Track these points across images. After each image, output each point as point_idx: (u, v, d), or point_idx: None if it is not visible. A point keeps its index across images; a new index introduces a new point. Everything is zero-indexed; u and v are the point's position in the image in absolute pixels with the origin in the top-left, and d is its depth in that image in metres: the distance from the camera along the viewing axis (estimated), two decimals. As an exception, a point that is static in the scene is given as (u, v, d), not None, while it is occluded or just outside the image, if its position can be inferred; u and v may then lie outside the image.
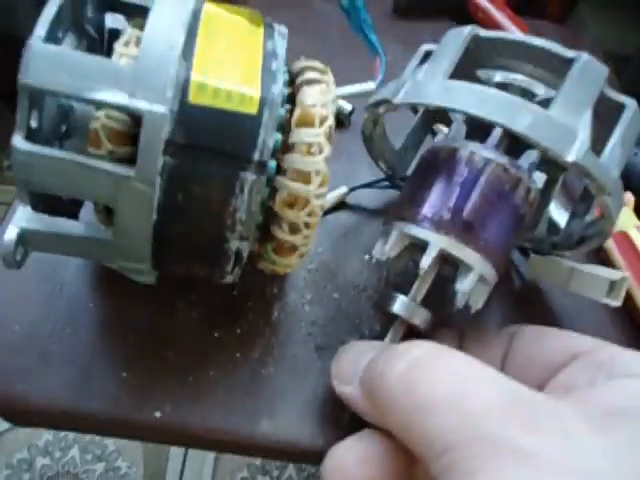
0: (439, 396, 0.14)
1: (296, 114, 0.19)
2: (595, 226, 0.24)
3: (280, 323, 0.25)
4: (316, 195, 0.19)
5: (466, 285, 0.20)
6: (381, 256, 0.21)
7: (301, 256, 0.21)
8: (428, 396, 0.14)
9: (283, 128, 0.19)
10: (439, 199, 0.20)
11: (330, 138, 0.19)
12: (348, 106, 0.33)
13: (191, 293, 0.25)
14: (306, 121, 0.19)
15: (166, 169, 0.16)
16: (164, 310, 0.24)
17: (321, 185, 0.19)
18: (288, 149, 0.19)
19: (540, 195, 0.23)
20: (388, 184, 0.30)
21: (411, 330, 0.21)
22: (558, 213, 0.29)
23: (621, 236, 0.28)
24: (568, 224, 0.26)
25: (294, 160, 0.18)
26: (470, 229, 0.20)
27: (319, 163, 0.18)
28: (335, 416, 0.22)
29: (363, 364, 0.18)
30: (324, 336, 0.24)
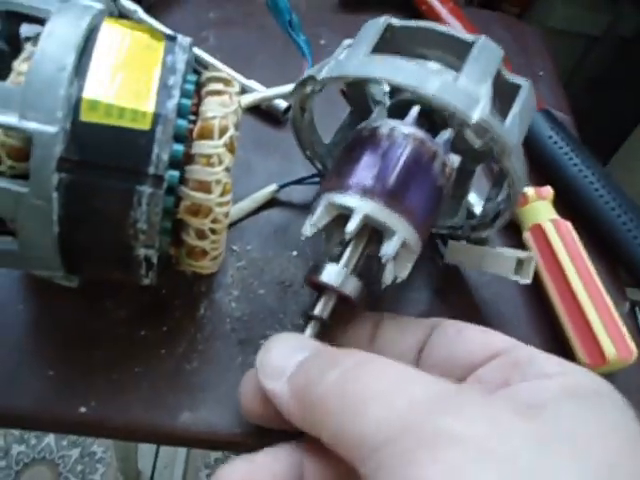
0: (369, 397, 0.14)
1: (197, 127, 0.20)
2: (505, 202, 0.26)
3: (206, 320, 0.26)
4: (218, 203, 0.20)
5: (390, 249, 0.20)
6: (310, 229, 0.22)
7: (214, 259, 0.22)
8: (358, 398, 0.14)
9: (186, 139, 0.20)
10: (364, 170, 0.21)
11: (232, 148, 0.20)
12: (284, 103, 0.34)
13: (119, 293, 0.26)
14: (205, 133, 0.19)
15: (62, 184, 0.17)
16: (93, 310, 0.25)
17: (223, 194, 0.20)
18: (189, 160, 0.20)
19: (458, 185, 0.25)
20: (319, 180, 0.31)
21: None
22: (476, 202, 0.31)
23: (536, 228, 0.30)
24: (484, 208, 0.28)
25: (195, 171, 0.19)
26: (393, 196, 0.21)
27: (219, 174, 0.19)
28: (253, 407, 0.23)
29: (292, 362, 0.17)
30: (247, 331, 0.26)
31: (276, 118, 0.34)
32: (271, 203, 0.31)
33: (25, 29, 0.23)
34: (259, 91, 0.33)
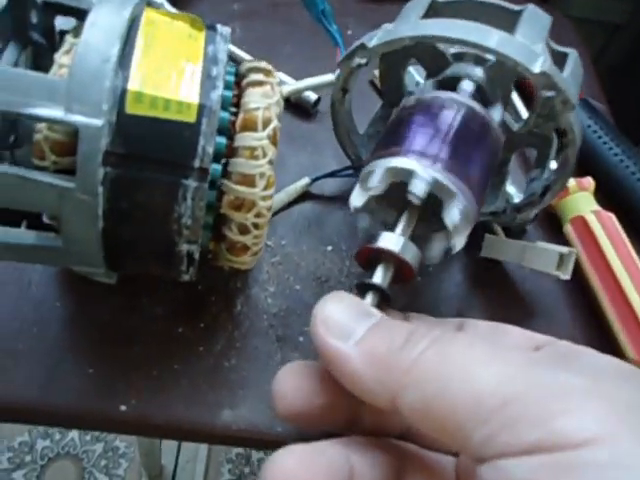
0: (478, 358, 0.14)
1: (239, 119, 0.19)
2: (557, 171, 0.25)
3: (243, 316, 0.25)
4: (262, 197, 0.19)
5: (456, 214, 0.19)
6: (363, 197, 0.20)
7: (254, 254, 0.22)
8: (465, 362, 0.14)
9: (229, 132, 0.19)
10: (422, 135, 0.21)
11: (275, 140, 0.20)
12: (313, 96, 0.33)
13: (156, 289, 0.25)
14: (249, 125, 0.19)
15: (108, 179, 0.17)
16: (129, 306, 0.25)
17: (266, 187, 0.19)
18: (233, 153, 0.19)
19: (495, 173, 0.24)
20: (352, 172, 0.30)
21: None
22: (514, 192, 0.30)
23: (578, 220, 0.29)
24: (528, 188, 0.27)
25: (238, 164, 0.19)
26: (454, 161, 0.20)
27: (263, 166, 0.19)
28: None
29: (361, 327, 0.16)
30: (285, 327, 0.25)
31: (306, 111, 0.34)
32: (304, 197, 0.30)
33: (59, 22, 0.23)
34: (291, 83, 0.33)
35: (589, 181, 0.30)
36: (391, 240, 0.19)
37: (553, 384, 0.13)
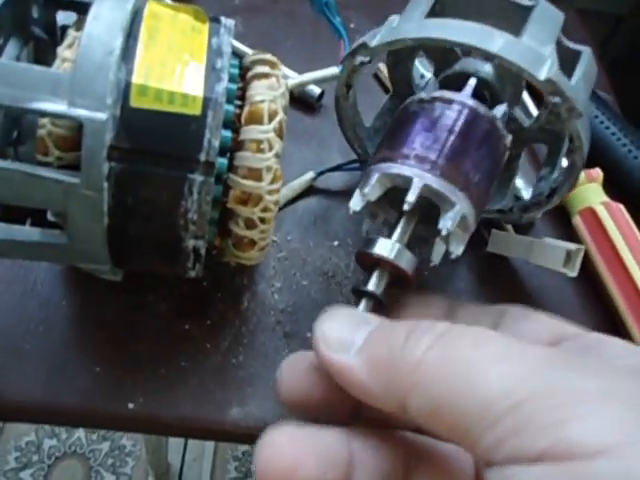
0: (487, 356, 0.13)
1: (245, 111, 0.19)
2: (565, 174, 0.24)
3: (250, 312, 0.25)
4: (269, 191, 0.19)
5: (449, 222, 0.19)
6: (360, 203, 0.20)
7: (261, 249, 0.21)
8: (470, 362, 0.13)
9: (234, 125, 0.19)
10: (420, 140, 0.20)
11: (281, 133, 0.19)
12: (317, 90, 0.33)
13: (161, 286, 0.25)
14: (255, 118, 0.19)
15: (113, 174, 0.17)
16: (135, 304, 0.25)
17: (273, 181, 0.19)
18: (239, 146, 0.19)
19: (505, 168, 0.24)
20: (357, 166, 0.30)
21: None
22: (523, 187, 0.29)
23: (587, 212, 0.28)
24: (536, 187, 0.27)
25: (244, 158, 0.19)
26: (452, 166, 0.20)
27: (269, 160, 0.19)
28: (303, 401, 0.23)
29: (359, 335, 0.16)
30: (292, 324, 0.25)
31: (310, 105, 0.33)
32: (309, 192, 0.30)
33: (60, 18, 0.22)
34: (295, 77, 0.32)
35: (597, 172, 0.30)
36: (386, 247, 0.19)
37: (565, 387, 0.12)
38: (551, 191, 0.25)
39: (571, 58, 0.22)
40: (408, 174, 0.19)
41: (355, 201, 0.21)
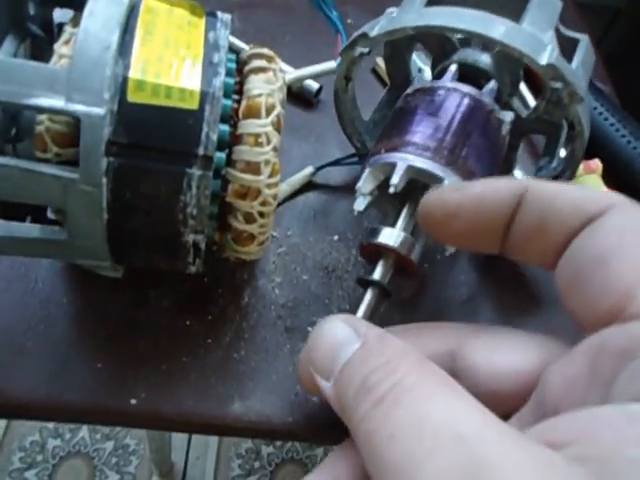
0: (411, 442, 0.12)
1: (242, 105, 0.19)
2: (564, 162, 0.25)
3: (250, 307, 0.25)
4: (267, 185, 0.19)
5: None
6: (361, 202, 0.20)
7: (261, 244, 0.21)
8: (406, 421, 0.12)
9: (232, 119, 0.19)
10: (419, 129, 0.20)
11: (279, 126, 0.19)
12: (315, 85, 0.33)
13: (162, 282, 0.25)
14: (252, 112, 0.19)
15: (111, 169, 0.17)
16: (136, 300, 0.25)
17: (272, 175, 0.19)
18: (236, 140, 0.19)
19: (504, 159, 0.24)
20: (356, 160, 0.30)
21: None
22: (520, 176, 0.29)
23: (587, 204, 0.28)
24: (536, 177, 0.27)
25: (242, 151, 0.19)
26: (452, 152, 0.20)
27: (267, 153, 0.19)
28: (304, 393, 0.23)
29: (340, 361, 0.16)
30: (293, 318, 0.25)
31: (308, 101, 0.33)
32: (308, 187, 0.30)
33: (57, 15, 0.22)
34: (292, 72, 0.32)
35: (597, 163, 0.30)
36: (391, 236, 0.19)
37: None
38: (553, 179, 0.25)
39: (569, 46, 0.22)
40: (392, 160, 0.19)
41: (358, 201, 0.21)
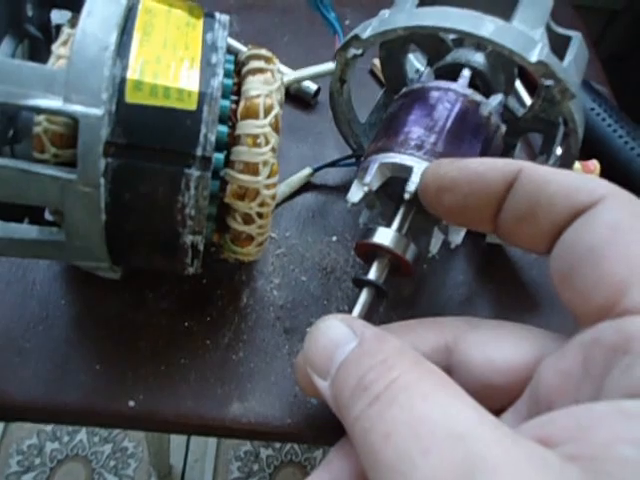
0: (406, 440, 0.12)
1: (241, 106, 0.19)
2: (559, 160, 0.25)
3: (249, 309, 0.25)
4: (266, 185, 0.19)
5: None
6: (359, 194, 0.20)
7: (259, 245, 0.21)
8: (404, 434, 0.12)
9: (230, 120, 0.19)
10: (418, 128, 0.20)
11: (277, 127, 0.19)
12: (313, 86, 0.33)
13: (161, 284, 0.25)
14: (250, 113, 0.19)
15: (109, 170, 0.17)
16: (135, 301, 0.25)
17: (270, 175, 0.19)
18: (235, 141, 0.19)
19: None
20: (353, 161, 0.30)
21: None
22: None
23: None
24: None
25: (241, 152, 0.19)
26: (450, 155, 0.20)
27: (266, 154, 0.19)
28: (303, 395, 0.23)
29: (336, 361, 0.16)
30: (292, 319, 0.25)
31: (306, 102, 0.33)
32: (306, 188, 0.30)
33: (55, 17, 0.22)
34: (289, 72, 0.32)
35: (594, 164, 0.30)
36: (386, 236, 0.19)
37: None
38: None
39: (562, 43, 0.22)
40: (409, 163, 0.19)
41: (353, 192, 0.21)
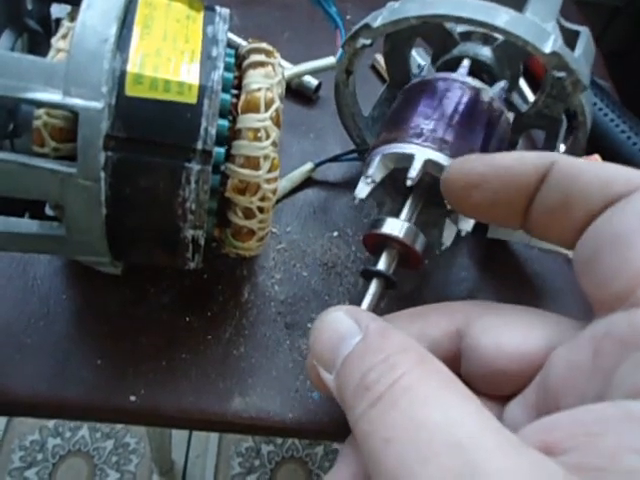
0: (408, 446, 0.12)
1: (241, 100, 0.19)
2: (568, 153, 0.25)
3: (250, 304, 0.25)
4: (266, 180, 0.19)
5: None
6: (365, 188, 0.20)
7: (260, 239, 0.21)
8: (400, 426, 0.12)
9: (231, 114, 0.19)
10: (422, 118, 0.21)
11: (278, 121, 0.19)
12: (314, 81, 0.33)
13: (162, 279, 0.25)
14: (251, 106, 0.19)
15: (110, 164, 0.17)
16: (136, 297, 0.25)
17: (271, 170, 0.19)
18: (236, 135, 0.19)
19: None
20: (356, 156, 0.30)
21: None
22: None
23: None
24: None
25: (242, 146, 0.19)
26: (456, 143, 0.20)
27: (267, 148, 0.19)
28: (304, 389, 0.23)
29: (341, 354, 0.16)
30: (293, 314, 0.25)
31: (307, 97, 0.33)
32: (308, 183, 0.30)
33: (55, 11, 0.22)
34: (291, 67, 0.32)
35: (597, 159, 0.30)
36: (395, 225, 0.19)
37: None
38: None
39: (570, 38, 0.22)
40: (409, 151, 0.19)
41: (360, 188, 0.20)
